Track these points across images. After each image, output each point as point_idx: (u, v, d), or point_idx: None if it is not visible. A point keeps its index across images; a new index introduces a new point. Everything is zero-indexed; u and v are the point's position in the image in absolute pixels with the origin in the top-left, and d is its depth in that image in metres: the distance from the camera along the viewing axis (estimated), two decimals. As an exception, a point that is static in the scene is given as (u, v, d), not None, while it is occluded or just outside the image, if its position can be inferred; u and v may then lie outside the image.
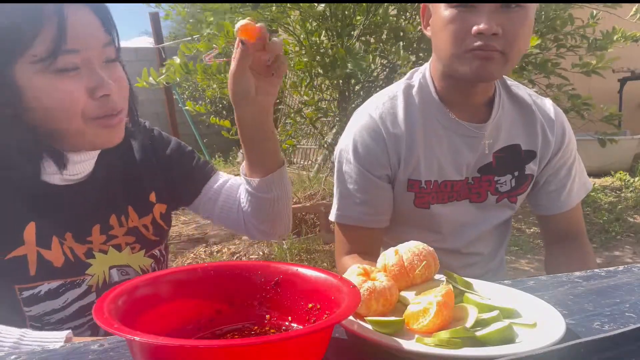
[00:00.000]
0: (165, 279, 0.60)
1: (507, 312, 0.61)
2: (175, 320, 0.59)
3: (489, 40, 0.97)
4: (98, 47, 0.82)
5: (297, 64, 2.88)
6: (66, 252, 0.88)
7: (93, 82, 0.81)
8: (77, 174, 0.90)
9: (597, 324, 0.62)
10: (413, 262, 0.67)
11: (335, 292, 0.56)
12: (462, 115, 1.11)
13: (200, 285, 0.61)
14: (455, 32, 0.99)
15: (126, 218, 0.97)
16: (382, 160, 1.11)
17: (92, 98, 0.82)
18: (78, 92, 0.80)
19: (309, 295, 0.59)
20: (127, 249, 0.95)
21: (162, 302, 0.58)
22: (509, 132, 1.13)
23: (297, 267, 0.62)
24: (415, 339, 0.57)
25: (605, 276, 0.79)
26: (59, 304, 0.87)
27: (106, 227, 0.94)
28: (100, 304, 0.49)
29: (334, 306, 0.55)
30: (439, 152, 1.11)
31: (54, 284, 0.86)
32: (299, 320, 0.60)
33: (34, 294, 0.84)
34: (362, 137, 1.12)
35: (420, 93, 1.13)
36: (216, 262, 0.63)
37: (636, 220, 3.92)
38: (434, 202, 1.14)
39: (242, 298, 0.62)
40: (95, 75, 0.82)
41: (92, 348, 0.59)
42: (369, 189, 1.12)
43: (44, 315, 0.86)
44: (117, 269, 0.94)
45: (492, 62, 0.99)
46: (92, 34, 0.82)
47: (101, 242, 0.92)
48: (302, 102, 3.44)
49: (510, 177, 1.15)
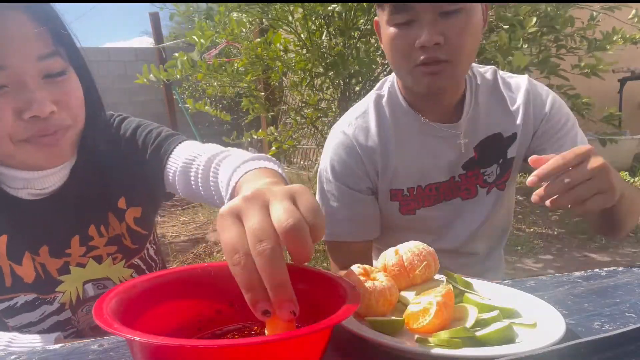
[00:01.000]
0: (165, 278, 0.60)
1: (507, 312, 0.61)
2: (175, 320, 0.59)
3: (433, 51, 0.96)
4: (30, 61, 0.72)
5: (298, 63, 2.88)
6: (37, 268, 0.84)
7: (20, 102, 0.72)
8: (45, 188, 0.84)
9: (597, 324, 0.62)
10: (413, 262, 0.67)
11: (335, 292, 0.56)
12: (434, 117, 1.11)
13: (200, 285, 0.61)
14: (400, 49, 1.00)
15: (106, 227, 0.91)
16: (360, 174, 1.12)
17: (20, 119, 0.73)
18: (3, 113, 0.71)
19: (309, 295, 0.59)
20: (108, 260, 0.91)
21: (162, 302, 0.58)
22: (487, 123, 1.12)
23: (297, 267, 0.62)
24: (415, 339, 0.57)
25: (605, 276, 0.79)
26: (35, 316, 0.85)
27: (86, 238, 0.88)
28: (100, 304, 0.49)
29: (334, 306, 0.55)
30: (417, 158, 1.12)
31: (30, 297, 0.84)
32: (299, 320, 0.60)
33: (10, 306, 0.83)
34: (338, 155, 1.13)
35: (390, 102, 1.15)
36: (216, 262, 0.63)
37: (636, 220, 3.91)
38: (419, 207, 1.15)
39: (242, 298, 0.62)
40: (24, 95, 0.72)
41: (92, 348, 0.59)
42: (352, 204, 1.13)
43: (22, 327, 0.84)
44: (92, 283, 0.90)
45: (440, 75, 0.99)
46: (21, 47, 0.71)
47: (80, 254, 0.88)
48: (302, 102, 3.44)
49: (496, 166, 1.14)
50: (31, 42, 0.72)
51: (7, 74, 0.70)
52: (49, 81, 0.75)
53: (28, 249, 0.84)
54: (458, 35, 0.96)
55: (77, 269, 0.88)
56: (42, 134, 0.75)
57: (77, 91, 0.80)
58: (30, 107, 0.72)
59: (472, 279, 0.71)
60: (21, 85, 0.72)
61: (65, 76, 0.77)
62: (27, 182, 0.82)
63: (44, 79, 0.74)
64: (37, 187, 0.83)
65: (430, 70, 0.99)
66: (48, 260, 0.85)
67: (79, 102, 0.80)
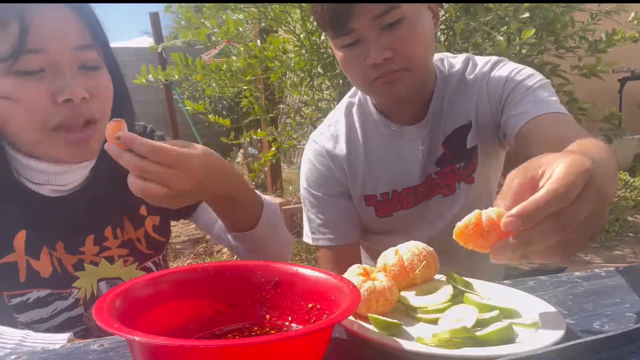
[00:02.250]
0: (165, 279, 0.60)
1: (507, 312, 0.61)
2: (175, 320, 0.59)
3: (385, 66, 0.96)
4: (68, 50, 0.76)
5: (297, 63, 2.88)
6: (55, 263, 0.86)
7: (55, 86, 0.75)
8: (65, 185, 0.87)
9: (597, 324, 0.62)
10: (413, 262, 0.67)
11: (335, 292, 0.56)
12: (405, 120, 1.11)
13: (200, 285, 0.61)
14: (353, 69, 1.01)
15: (121, 230, 0.94)
16: (331, 179, 1.15)
17: (54, 103, 0.75)
18: (39, 96, 0.74)
19: (309, 295, 0.59)
20: (120, 262, 0.93)
21: (162, 302, 0.58)
22: (452, 117, 1.10)
23: (297, 267, 0.62)
24: (415, 339, 0.57)
25: (605, 276, 0.79)
26: (47, 312, 0.85)
27: (100, 238, 0.91)
28: (100, 304, 0.49)
29: (334, 306, 0.55)
30: (387, 164, 1.13)
31: (43, 293, 0.85)
32: (299, 321, 0.60)
33: (22, 301, 0.83)
34: (310, 163, 1.17)
35: (360, 110, 1.16)
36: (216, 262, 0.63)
37: (636, 220, 3.91)
38: (397, 210, 1.15)
39: (242, 298, 0.62)
40: (60, 80, 0.75)
41: (92, 348, 0.59)
42: (327, 210, 1.15)
43: (32, 324, 0.85)
44: (106, 281, 0.91)
45: (397, 82, 0.98)
46: (60, 34, 0.75)
47: (94, 253, 0.90)
48: (302, 102, 3.44)
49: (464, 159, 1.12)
50: (70, 31, 0.76)
51: (45, 58, 0.74)
52: (83, 73, 0.79)
53: (46, 244, 0.85)
54: (406, 44, 0.95)
55: (91, 267, 0.90)
56: (72, 121, 0.77)
57: (107, 88, 0.83)
58: (63, 90, 0.75)
59: (472, 279, 0.71)
60: (57, 71, 0.75)
61: (99, 71, 0.81)
62: (48, 177, 0.84)
63: (78, 70, 0.78)
64: (59, 183, 0.85)
65: (387, 80, 0.98)
66: (64, 256, 0.87)
67: (108, 98, 0.83)
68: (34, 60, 0.73)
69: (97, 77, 0.81)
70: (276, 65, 2.92)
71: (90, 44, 0.79)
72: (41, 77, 0.74)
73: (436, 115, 1.10)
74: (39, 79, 0.74)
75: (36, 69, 0.74)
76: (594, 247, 3.41)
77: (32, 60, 0.73)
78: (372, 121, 1.14)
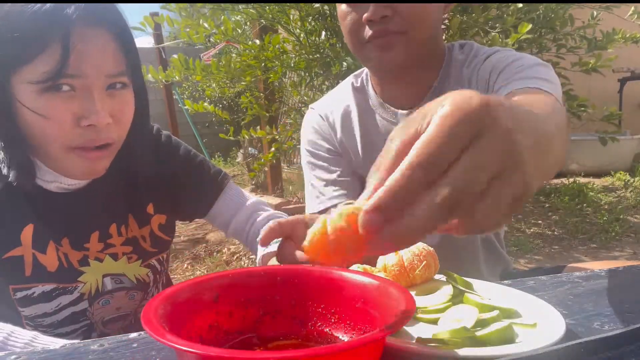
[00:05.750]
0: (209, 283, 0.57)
1: (507, 312, 0.61)
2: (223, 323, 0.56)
3: (382, 24, 0.92)
4: (101, 77, 0.79)
5: (297, 63, 2.88)
6: (61, 257, 0.88)
7: (82, 109, 0.77)
8: (73, 184, 0.89)
9: (597, 324, 0.62)
10: (413, 262, 0.67)
11: (385, 296, 0.53)
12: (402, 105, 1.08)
13: (246, 290, 0.59)
14: (350, 26, 0.98)
15: (126, 228, 0.95)
16: (333, 139, 1.15)
17: (78, 126, 0.78)
18: (65, 117, 0.77)
19: (357, 301, 0.56)
20: (124, 259, 0.94)
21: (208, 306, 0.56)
22: None
23: (342, 272, 0.59)
24: (415, 339, 0.57)
25: (605, 276, 0.79)
26: (51, 307, 0.87)
27: (105, 235, 0.93)
28: (147, 311, 0.47)
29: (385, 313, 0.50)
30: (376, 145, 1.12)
31: (48, 287, 0.86)
32: (354, 329, 0.56)
33: (27, 295, 0.85)
34: (310, 125, 1.18)
35: (359, 90, 1.16)
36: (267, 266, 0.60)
37: (636, 220, 3.91)
38: None
39: (288, 304, 0.59)
40: (87, 103, 0.77)
41: (92, 348, 0.59)
42: (335, 165, 1.14)
43: (36, 318, 0.86)
44: (111, 277, 0.93)
45: (392, 48, 0.94)
46: (98, 62, 0.78)
47: (98, 249, 0.92)
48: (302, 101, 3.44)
49: None
50: (108, 59, 0.79)
51: (79, 82, 0.76)
52: (110, 93, 0.80)
53: (52, 239, 0.87)
54: (408, 6, 0.91)
55: (96, 263, 0.91)
56: (90, 145, 0.80)
57: (130, 107, 0.85)
58: (89, 116, 0.77)
59: (472, 279, 0.71)
60: (87, 94, 0.77)
61: (125, 90, 0.83)
62: (57, 177, 0.86)
63: (106, 91, 0.80)
64: (66, 183, 0.88)
65: (380, 44, 0.94)
66: (70, 252, 0.89)
67: (129, 118, 0.86)
68: (68, 82, 0.76)
69: (122, 97, 0.83)
70: (276, 65, 2.92)
71: (123, 71, 0.81)
72: (71, 96, 0.77)
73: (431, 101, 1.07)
74: (69, 98, 0.77)
75: (68, 89, 0.76)
76: (594, 247, 3.41)
77: (67, 82, 0.76)
78: (370, 103, 1.13)
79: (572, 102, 2.60)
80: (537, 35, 2.59)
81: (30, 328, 0.86)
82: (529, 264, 3.15)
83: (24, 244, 0.84)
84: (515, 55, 0.99)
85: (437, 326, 0.60)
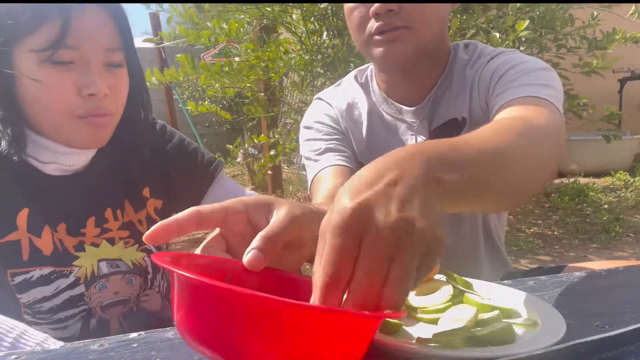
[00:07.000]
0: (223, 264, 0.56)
1: (507, 312, 0.61)
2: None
3: (387, 18, 0.93)
4: (98, 50, 0.84)
5: (298, 63, 2.88)
6: (56, 242, 0.89)
7: (82, 80, 0.83)
8: (72, 165, 0.91)
9: (597, 324, 0.62)
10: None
11: None
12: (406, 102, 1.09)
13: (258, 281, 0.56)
14: (356, 19, 0.98)
15: (122, 212, 0.97)
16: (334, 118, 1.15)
17: (79, 95, 0.83)
18: (67, 85, 0.82)
19: None
20: (121, 243, 0.96)
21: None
22: (446, 107, 1.06)
23: None
24: (415, 339, 0.57)
25: (605, 276, 0.79)
26: (50, 290, 0.87)
27: (101, 220, 0.94)
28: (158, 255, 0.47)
29: None
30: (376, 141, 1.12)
31: (46, 270, 0.87)
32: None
33: (26, 279, 0.85)
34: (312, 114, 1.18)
35: (363, 84, 1.16)
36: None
37: (636, 220, 3.91)
38: None
39: None
40: (87, 75, 0.83)
41: (92, 348, 0.59)
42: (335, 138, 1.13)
43: (35, 303, 0.87)
44: (106, 261, 0.94)
45: (397, 42, 0.94)
46: (95, 36, 0.84)
47: (95, 235, 0.93)
48: (302, 101, 3.44)
49: None
50: (104, 34, 0.85)
51: (78, 54, 0.82)
52: (108, 69, 0.86)
53: (48, 223, 0.88)
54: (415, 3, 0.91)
55: (92, 248, 0.92)
56: (94, 112, 0.85)
57: (125, 84, 0.91)
58: (89, 85, 0.83)
59: (472, 279, 0.71)
60: (86, 66, 0.83)
61: (121, 68, 0.89)
62: (57, 157, 0.89)
63: (104, 66, 0.86)
64: (65, 164, 0.90)
65: (385, 38, 0.94)
66: (65, 238, 0.90)
67: (124, 95, 0.91)
68: (68, 54, 0.81)
69: (118, 74, 0.88)
70: (277, 65, 2.92)
71: (118, 47, 0.87)
72: (70, 68, 0.83)
73: (434, 102, 1.06)
74: (69, 70, 0.82)
75: (67, 61, 0.82)
76: (594, 247, 3.41)
77: (66, 54, 0.81)
78: (374, 99, 1.14)
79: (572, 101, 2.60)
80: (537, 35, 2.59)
81: (29, 317, 0.87)
82: (529, 264, 3.15)
83: (20, 228, 0.85)
84: (519, 58, 0.98)
85: (437, 326, 0.60)
